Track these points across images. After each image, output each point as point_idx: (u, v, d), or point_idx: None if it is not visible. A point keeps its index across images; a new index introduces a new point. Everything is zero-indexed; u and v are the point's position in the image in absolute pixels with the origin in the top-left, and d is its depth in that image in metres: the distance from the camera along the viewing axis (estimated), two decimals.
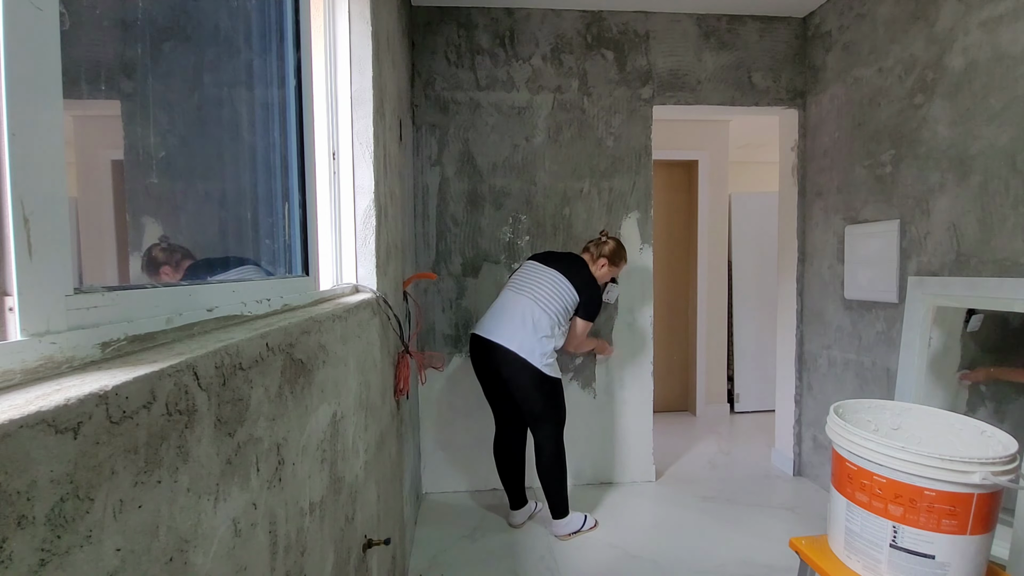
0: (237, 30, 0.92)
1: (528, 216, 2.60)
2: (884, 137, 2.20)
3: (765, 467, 2.90)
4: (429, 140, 2.55)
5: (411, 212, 2.45)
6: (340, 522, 1.01)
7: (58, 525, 0.33)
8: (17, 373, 0.39)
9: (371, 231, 1.51)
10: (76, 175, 0.61)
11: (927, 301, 1.91)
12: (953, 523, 1.01)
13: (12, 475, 0.29)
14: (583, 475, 2.70)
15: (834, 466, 1.27)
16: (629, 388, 2.69)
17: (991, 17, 1.73)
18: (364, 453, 1.23)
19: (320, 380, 0.89)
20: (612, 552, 2.07)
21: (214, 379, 0.53)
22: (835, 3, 2.47)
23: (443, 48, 2.53)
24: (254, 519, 0.62)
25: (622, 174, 2.62)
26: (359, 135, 1.49)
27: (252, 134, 0.99)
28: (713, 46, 2.64)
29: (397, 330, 1.76)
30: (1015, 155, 1.66)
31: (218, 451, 0.53)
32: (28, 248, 0.41)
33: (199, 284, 0.68)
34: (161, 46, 0.70)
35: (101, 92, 0.60)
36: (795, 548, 1.36)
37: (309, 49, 1.19)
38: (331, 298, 1.24)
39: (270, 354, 0.68)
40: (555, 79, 2.58)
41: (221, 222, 0.92)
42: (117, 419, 0.38)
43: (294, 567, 0.75)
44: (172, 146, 0.76)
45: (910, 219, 2.07)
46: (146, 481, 0.41)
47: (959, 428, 1.25)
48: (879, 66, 2.22)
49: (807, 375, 2.72)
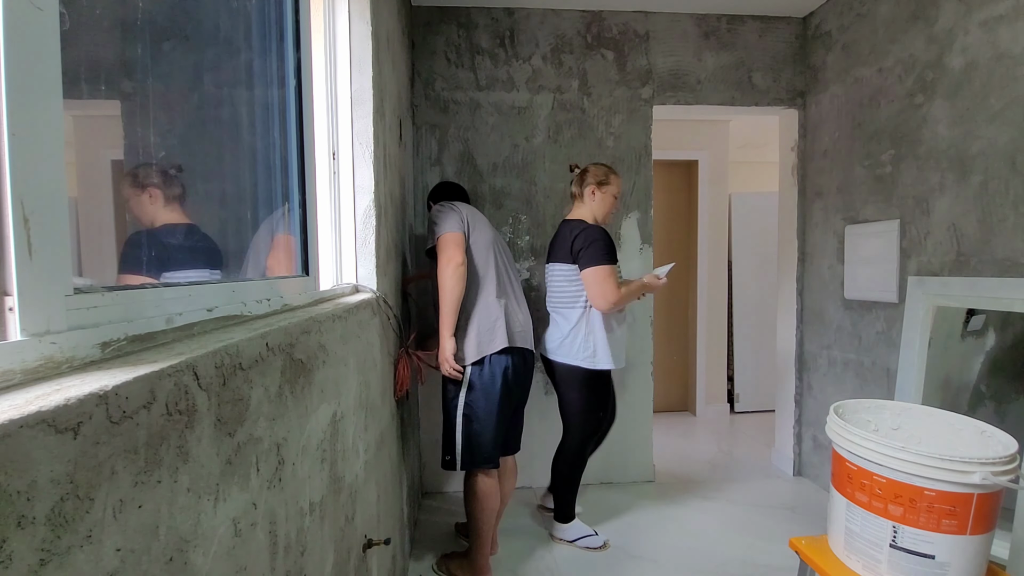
0: (237, 30, 0.92)
1: (528, 216, 2.60)
2: (884, 137, 2.20)
3: (765, 467, 2.90)
4: (429, 140, 2.55)
5: (411, 212, 2.45)
6: (340, 522, 1.01)
7: (58, 525, 0.33)
8: (17, 373, 0.39)
9: (371, 231, 1.51)
10: (76, 175, 0.61)
11: (927, 301, 1.91)
12: (953, 523, 1.01)
13: (12, 475, 0.29)
14: (583, 474, 2.69)
15: (834, 466, 1.27)
16: (629, 388, 2.69)
17: (991, 17, 1.73)
18: (364, 453, 1.23)
19: (320, 380, 0.89)
20: (612, 552, 2.07)
21: (214, 379, 0.53)
22: (835, 3, 2.46)
23: (443, 48, 2.53)
24: (254, 519, 0.62)
25: (622, 174, 2.62)
26: (359, 135, 1.49)
27: (252, 134, 0.99)
28: (713, 46, 2.64)
29: (397, 330, 1.76)
30: (1015, 155, 1.66)
31: (218, 451, 0.53)
32: (28, 248, 0.41)
33: (199, 284, 0.68)
34: (161, 46, 0.70)
35: (101, 92, 0.60)
36: (795, 548, 1.36)
37: (309, 49, 1.19)
38: (331, 298, 1.24)
39: (270, 354, 0.68)
40: (555, 79, 2.58)
41: (221, 222, 0.92)
42: (117, 419, 0.38)
43: (294, 567, 0.75)
44: (172, 146, 0.76)
45: (910, 219, 2.07)
46: (146, 481, 0.41)
47: (959, 428, 1.25)
48: (879, 66, 2.22)
49: (807, 375, 2.72)
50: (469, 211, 1.87)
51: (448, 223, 1.76)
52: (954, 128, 1.88)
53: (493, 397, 1.78)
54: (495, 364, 1.77)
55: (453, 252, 1.70)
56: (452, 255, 1.70)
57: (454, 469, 1.80)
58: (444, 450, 1.82)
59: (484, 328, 1.77)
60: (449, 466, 1.81)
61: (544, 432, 2.64)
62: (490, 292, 1.81)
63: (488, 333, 1.77)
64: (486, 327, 1.77)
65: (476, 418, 1.77)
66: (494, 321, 1.78)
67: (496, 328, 1.78)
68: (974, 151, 1.80)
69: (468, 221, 1.82)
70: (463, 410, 1.77)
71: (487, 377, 1.77)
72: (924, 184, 2.01)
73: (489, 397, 1.78)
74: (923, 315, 1.91)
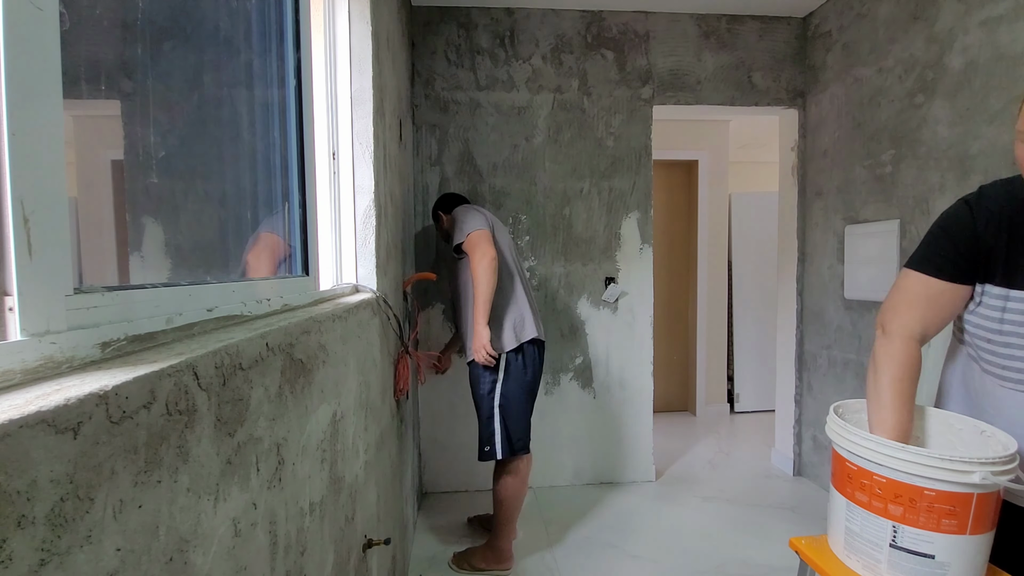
0: (237, 30, 0.92)
1: (528, 216, 2.60)
2: (884, 137, 2.20)
3: (765, 467, 2.90)
4: (429, 140, 2.55)
5: (411, 212, 2.45)
6: (340, 522, 1.01)
7: (58, 525, 0.33)
8: (17, 373, 0.39)
9: (371, 231, 1.51)
10: (76, 175, 0.61)
11: None
12: (953, 523, 1.01)
13: (12, 475, 0.29)
14: (583, 475, 2.70)
15: (834, 466, 1.27)
16: (629, 388, 2.69)
17: (991, 17, 1.73)
18: (364, 453, 1.23)
19: (320, 380, 0.89)
20: (612, 552, 2.07)
21: (214, 379, 0.53)
22: (835, 3, 2.46)
23: (443, 48, 2.53)
24: (254, 519, 0.62)
25: (622, 174, 2.62)
26: (359, 135, 1.49)
27: (252, 134, 0.99)
28: (713, 46, 2.64)
29: (397, 330, 1.76)
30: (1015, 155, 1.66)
31: (218, 451, 0.53)
32: (28, 248, 0.41)
33: (199, 284, 0.69)
34: (161, 46, 0.70)
35: (101, 92, 0.60)
36: (795, 548, 1.36)
37: (309, 49, 1.19)
38: (331, 298, 1.24)
39: (270, 354, 0.68)
40: (555, 79, 2.58)
41: (221, 222, 0.92)
42: (117, 419, 0.38)
43: (294, 567, 0.75)
44: (172, 146, 0.76)
45: (910, 219, 2.07)
46: (146, 481, 0.41)
47: (959, 428, 1.25)
48: (879, 66, 2.22)
49: (807, 375, 2.72)
50: (488, 212, 1.98)
51: (475, 221, 1.86)
52: (954, 128, 1.88)
53: (525, 384, 1.91)
54: (527, 352, 1.90)
55: (487, 247, 1.80)
56: (486, 250, 1.80)
57: (494, 459, 1.89)
58: (482, 443, 1.91)
59: (516, 318, 1.90)
60: (488, 456, 1.89)
61: (544, 432, 2.64)
62: (516, 286, 1.93)
63: (520, 323, 1.90)
64: (518, 318, 1.90)
65: (511, 406, 1.88)
66: (523, 313, 1.91)
67: (526, 319, 1.91)
68: (974, 151, 1.80)
69: (492, 223, 1.94)
70: (499, 400, 1.88)
71: (521, 365, 1.89)
72: (924, 184, 2.01)
73: (522, 385, 1.90)
74: None
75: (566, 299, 2.63)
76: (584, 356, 2.66)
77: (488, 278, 1.77)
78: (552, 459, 2.67)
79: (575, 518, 2.34)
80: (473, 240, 1.81)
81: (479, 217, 1.88)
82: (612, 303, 2.65)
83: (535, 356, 1.93)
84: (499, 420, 1.87)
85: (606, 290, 2.62)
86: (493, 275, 1.78)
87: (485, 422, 1.90)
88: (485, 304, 1.79)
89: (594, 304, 2.64)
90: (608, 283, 2.63)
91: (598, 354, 2.66)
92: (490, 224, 1.90)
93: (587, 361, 2.66)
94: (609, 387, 2.68)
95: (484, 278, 1.78)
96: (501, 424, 1.87)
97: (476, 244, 1.81)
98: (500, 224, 2.00)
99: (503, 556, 1.92)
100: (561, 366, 2.65)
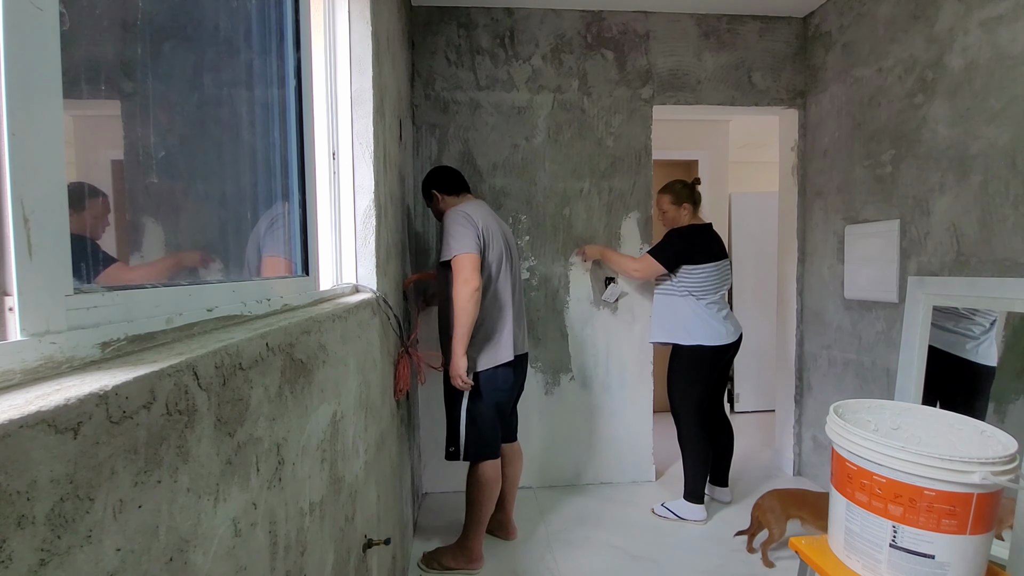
0: (237, 30, 0.92)
1: (528, 216, 2.60)
2: (884, 137, 2.20)
3: (765, 467, 2.90)
4: (429, 140, 2.55)
5: (411, 212, 2.45)
6: (340, 522, 1.01)
7: (58, 525, 0.33)
8: (17, 373, 0.39)
9: (371, 231, 1.51)
10: (76, 175, 0.61)
11: (927, 301, 1.91)
12: (953, 523, 1.01)
13: (12, 475, 0.29)
14: (583, 475, 2.70)
15: (834, 466, 1.27)
16: (629, 388, 2.69)
17: (991, 17, 1.73)
18: (364, 453, 1.23)
19: (320, 380, 0.89)
20: (612, 552, 2.07)
21: (214, 379, 0.53)
22: (835, 3, 2.46)
23: (443, 48, 2.53)
24: (254, 519, 0.62)
25: (622, 174, 2.62)
26: (359, 135, 1.49)
27: (252, 134, 0.99)
28: (713, 46, 2.64)
29: (397, 330, 1.76)
30: (1015, 155, 1.66)
31: (218, 451, 0.53)
32: (28, 248, 0.41)
33: (199, 284, 0.69)
34: (161, 46, 0.70)
35: (101, 92, 0.60)
36: (795, 548, 1.36)
37: (309, 49, 1.19)
38: (331, 298, 1.24)
39: (270, 354, 0.68)
40: (555, 79, 2.58)
41: (221, 222, 0.92)
42: (117, 419, 0.38)
43: (294, 567, 0.75)
44: (172, 146, 0.76)
45: (910, 219, 2.07)
46: (146, 481, 0.41)
47: (959, 428, 1.25)
48: (879, 66, 2.22)
49: (807, 375, 2.72)
50: (483, 218, 1.84)
51: (464, 241, 1.75)
52: (954, 128, 1.88)
53: (494, 401, 1.87)
54: (500, 374, 1.87)
55: (470, 275, 1.72)
56: (469, 278, 1.71)
57: (458, 459, 1.87)
58: (448, 442, 1.89)
59: (493, 341, 1.85)
60: (453, 457, 1.88)
61: (544, 432, 2.64)
62: (500, 306, 1.87)
63: (496, 345, 1.85)
64: (495, 340, 1.86)
65: (479, 418, 1.86)
66: (503, 334, 1.86)
67: (504, 341, 1.86)
68: (974, 151, 1.80)
69: (484, 237, 1.81)
70: (467, 406, 1.85)
71: (491, 387, 1.86)
72: (924, 184, 2.01)
73: (492, 400, 1.87)
74: (923, 315, 1.91)
75: (566, 299, 2.63)
76: (584, 356, 2.66)
77: (469, 309, 1.71)
78: (552, 459, 2.67)
79: (575, 518, 2.34)
80: (458, 264, 1.73)
81: (470, 235, 1.76)
82: (612, 303, 2.65)
83: (509, 376, 1.88)
84: (465, 426, 1.85)
85: (606, 290, 2.62)
86: (475, 307, 1.72)
87: (452, 424, 1.88)
88: (464, 335, 1.73)
89: (594, 304, 2.65)
90: (608, 283, 2.63)
91: (598, 354, 2.66)
92: (481, 243, 1.79)
93: (587, 361, 2.66)
94: (609, 387, 2.68)
95: (465, 308, 1.71)
96: (468, 430, 1.85)
97: (460, 269, 1.73)
98: (496, 229, 1.87)
99: (473, 556, 1.91)
100: (561, 366, 2.65)
